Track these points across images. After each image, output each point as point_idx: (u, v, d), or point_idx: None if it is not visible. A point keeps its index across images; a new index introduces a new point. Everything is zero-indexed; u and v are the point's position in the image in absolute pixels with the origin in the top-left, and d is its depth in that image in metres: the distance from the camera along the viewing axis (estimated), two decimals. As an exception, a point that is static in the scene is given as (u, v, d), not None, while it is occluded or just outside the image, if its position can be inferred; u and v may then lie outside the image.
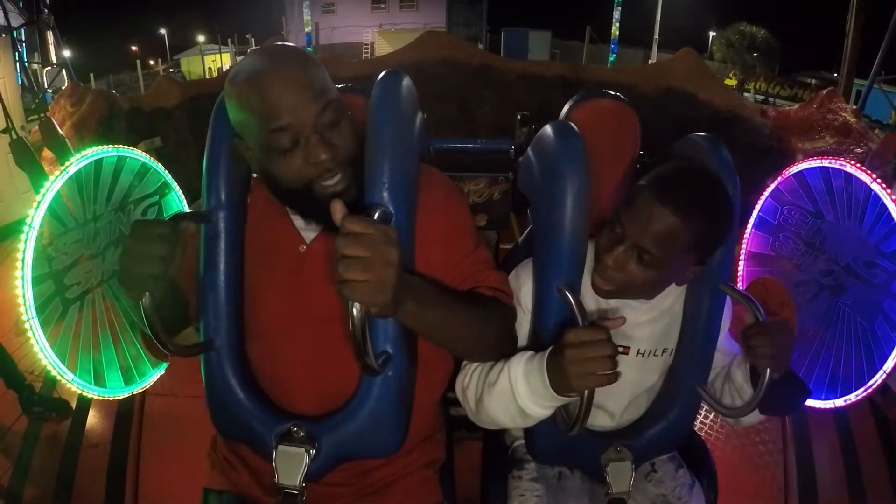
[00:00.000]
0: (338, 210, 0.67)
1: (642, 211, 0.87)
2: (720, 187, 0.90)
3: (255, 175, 0.96)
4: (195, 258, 0.94)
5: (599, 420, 1.05)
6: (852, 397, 1.16)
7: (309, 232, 0.93)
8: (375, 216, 0.70)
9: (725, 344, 1.04)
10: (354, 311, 0.67)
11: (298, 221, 0.93)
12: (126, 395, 1.21)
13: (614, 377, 0.76)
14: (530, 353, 0.86)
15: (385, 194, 0.83)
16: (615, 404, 1.04)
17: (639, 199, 0.88)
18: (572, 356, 0.76)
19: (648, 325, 1.00)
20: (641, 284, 0.92)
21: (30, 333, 1.03)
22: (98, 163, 1.15)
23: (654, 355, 1.02)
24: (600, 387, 0.77)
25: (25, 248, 1.01)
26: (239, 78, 0.82)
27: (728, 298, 1.02)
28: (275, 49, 0.84)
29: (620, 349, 0.99)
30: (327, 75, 0.85)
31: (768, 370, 0.87)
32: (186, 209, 1.36)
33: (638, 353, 1.01)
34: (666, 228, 0.85)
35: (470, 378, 0.95)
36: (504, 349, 0.93)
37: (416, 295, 0.76)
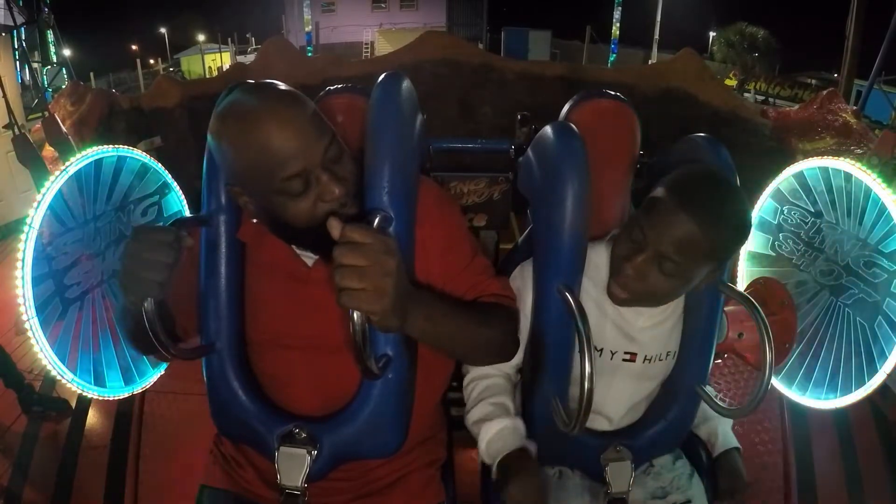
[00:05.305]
0: (335, 226, 0.67)
1: (663, 218, 0.85)
2: (738, 193, 0.87)
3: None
4: (184, 269, 0.92)
5: (597, 424, 1.05)
6: (852, 397, 1.16)
7: (308, 257, 0.92)
8: (375, 222, 0.69)
9: None
10: (355, 316, 0.67)
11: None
12: (126, 395, 1.21)
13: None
14: (504, 425, 0.97)
15: (385, 198, 0.83)
16: (613, 410, 1.04)
17: (659, 206, 0.86)
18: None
19: (652, 329, 1.00)
20: (662, 294, 0.91)
21: (30, 333, 1.03)
22: (98, 162, 1.15)
23: (660, 360, 1.02)
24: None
25: (25, 248, 1.01)
26: (233, 128, 0.77)
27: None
28: (263, 89, 0.79)
29: (627, 356, 0.99)
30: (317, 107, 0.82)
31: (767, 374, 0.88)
32: (186, 209, 1.36)
33: (645, 359, 1.01)
34: (687, 235, 0.84)
35: (467, 392, 1.05)
36: (505, 354, 0.98)
37: (425, 310, 0.77)
